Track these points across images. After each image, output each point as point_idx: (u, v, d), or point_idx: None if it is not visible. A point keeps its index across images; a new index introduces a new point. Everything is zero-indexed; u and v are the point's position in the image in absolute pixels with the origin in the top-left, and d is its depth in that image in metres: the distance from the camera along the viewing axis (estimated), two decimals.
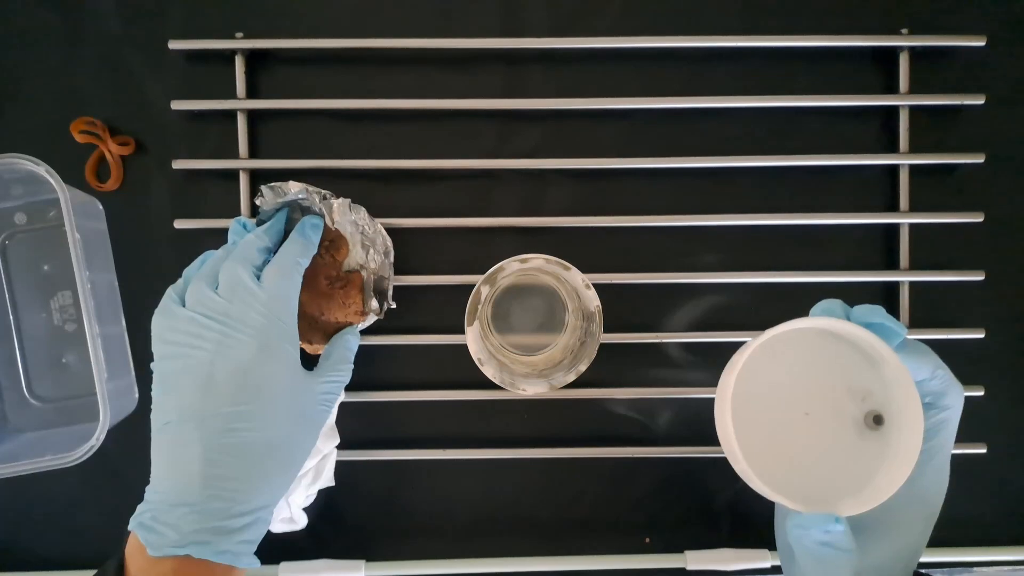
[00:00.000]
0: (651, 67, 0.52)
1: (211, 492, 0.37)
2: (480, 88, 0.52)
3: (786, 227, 0.52)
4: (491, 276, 0.38)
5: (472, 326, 0.37)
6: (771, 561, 0.51)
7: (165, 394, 0.39)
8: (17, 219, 0.52)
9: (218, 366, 0.38)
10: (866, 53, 0.53)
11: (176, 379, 0.39)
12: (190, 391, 0.38)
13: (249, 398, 0.38)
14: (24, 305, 0.52)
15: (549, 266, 0.37)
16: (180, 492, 0.37)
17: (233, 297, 0.40)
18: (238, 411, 0.38)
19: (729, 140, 0.52)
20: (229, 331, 0.39)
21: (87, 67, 0.52)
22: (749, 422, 0.37)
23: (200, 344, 0.39)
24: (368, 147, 0.52)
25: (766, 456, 0.37)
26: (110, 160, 0.51)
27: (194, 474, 0.37)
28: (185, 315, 0.40)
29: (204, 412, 0.38)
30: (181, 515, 0.37)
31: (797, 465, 0.39)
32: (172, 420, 0.38)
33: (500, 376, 0.38)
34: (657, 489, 0.54)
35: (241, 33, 0.51)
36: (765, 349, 0.38)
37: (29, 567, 0.52)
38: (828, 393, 0.39)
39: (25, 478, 0.47)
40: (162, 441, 0.39)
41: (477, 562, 0.52)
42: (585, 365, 0.39)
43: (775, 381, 0.39)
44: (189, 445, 0.37)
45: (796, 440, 0.39)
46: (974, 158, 0.51)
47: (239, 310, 0.39)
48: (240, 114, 0.51)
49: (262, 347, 0.39)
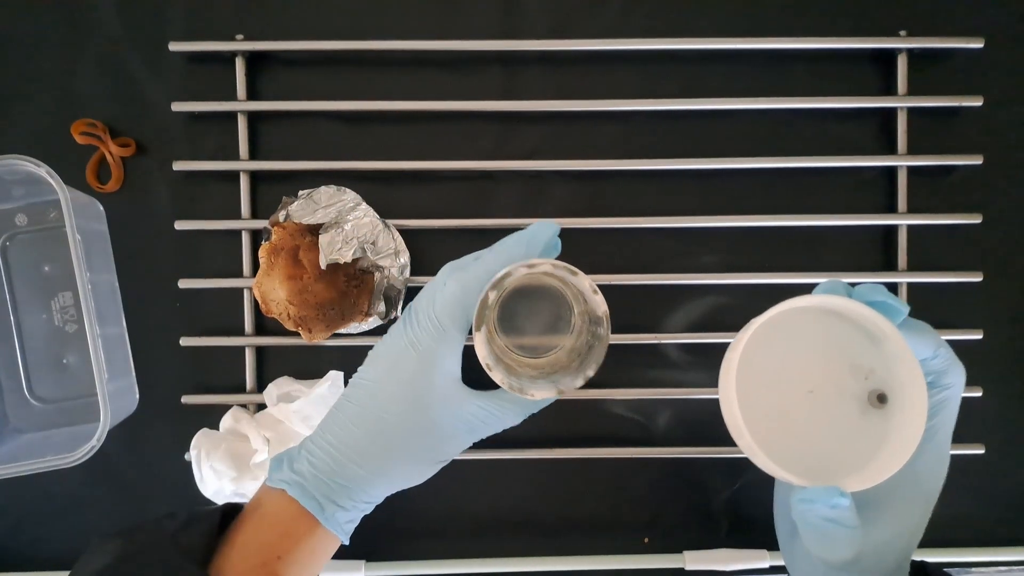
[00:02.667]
0: (650, 69, 0.52)
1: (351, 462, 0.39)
2: (479, 90, 0.52)
3: (785, 228, 0.52)
4: (499, 281, 0.37)
5: (480, 331, 0.37)
6: (770, 561, 0.51)
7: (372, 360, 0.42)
8: (18, 220, 0.52)
9: (396, 352, 0.41)
10: (864, 55, 0.53)
11: (380, 350, 0.42)
12: (377, 366, 0.41)
13: (397, 388, 0.40)
14: (25, 306, 0.53)
15: (556, 271, 0.37)
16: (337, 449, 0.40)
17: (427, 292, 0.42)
18: (388, 391, 0.40)
19: (728, 142, 0.52)
20: (411, 323, 0.41)
21: (88, 69, 0.52)
22: (753, 400, 0.37)
23: (403, 330, 0.41)
24: (368, 148, 0.52)
25: (770, 433, 0.37)
26: (111, 161, 0.51)
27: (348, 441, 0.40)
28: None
29: (373, 388, 0.40)
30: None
31: (801, 443, 0.39)
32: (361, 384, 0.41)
33: (508, 381, 0.38)
34: (656, 489, 0.54)
35: (241, 35, 0.51)
36: (769, 328, 0.38)
37: (30, 567, 0.52)
38: (831, 372, 0.39)
39: (26, 478, 0.47)
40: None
41: (477, 562, 0.52)
42: (593, 370, 0.38)
43: (778, 360, 0.39)
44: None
45: (800, 418, 0.39)
46: (972, 159, 0.51)
47: (421, 306, 0.41)
48: (240, 115, 0.51)
49: (423, 349, 0.40)
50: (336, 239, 0.49)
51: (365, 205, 0.50)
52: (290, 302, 0.49)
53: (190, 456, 0.49)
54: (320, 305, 0.49)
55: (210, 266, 0.52)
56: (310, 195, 0.50)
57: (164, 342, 0.52)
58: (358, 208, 0.50)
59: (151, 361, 0.53)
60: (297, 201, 0.50)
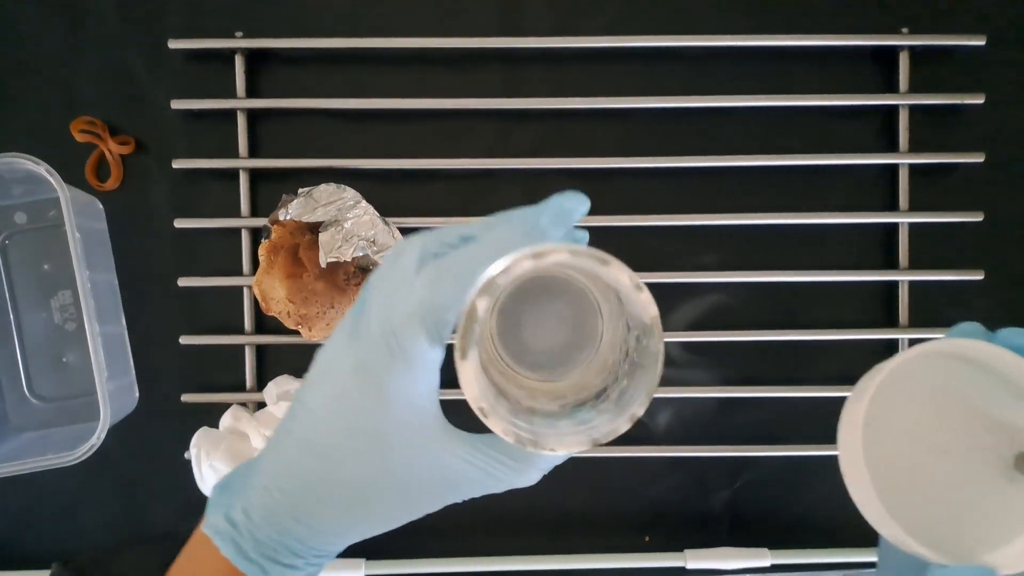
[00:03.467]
0: (650, 66, 0.52)
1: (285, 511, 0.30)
2: (479, 87, 0.52)
3: (786, 226, 0.52)
4: (492, 283, 0.25)
5: (467, 359, 0.25)
6: (771, 560, 0.51)
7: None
8: (17, 218, 0.52)
9: (340, 374, 0.29)
10: (866, 52, 0.52)
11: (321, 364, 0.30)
12: (318, 388, 0.30)
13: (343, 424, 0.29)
14: (24, 304, 0.52)
15: (577, 260, 0.25)
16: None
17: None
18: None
19: (729, 139, 0.52)
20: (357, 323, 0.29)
21: (87, 67, 0.52)
22: (878, 459, 0.32)
23: (347, 343, 0.30)
24: (367, 146, 0.52)
25: (899, 500, 0.31)
26: (110, 159, 0.51)
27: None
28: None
29: (313, 421, 0.29)
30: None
31: (934, 511, 0.33)
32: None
33: (516, 431, 0.26)
34: (656, 488, 0.54)
35: (241, 32, 0.51)
36: (897, 377, 0.32)
37: (30, 566, 0.52)
38: (970, 430, 0.34)
39: (25, 477, 0.47)
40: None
41: (476, 560, 0.52)
42: (642, 405, 0.26)
43: (907, 415, 0.34)
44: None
45: (932, 483, 0.34)
46: (974, 157, 0.51)
47: (375, 309, 0.28)
48: (240, 113, 0.51)
49: (373, 375, 0.28)
50: (336, 237, 0.49)
51: (365, 203, 0.50)
52: (290, 300, 0.49)
53: (190, 455, 0.49)
54: (320, 303, 0.49)
55: (210, 264, 0.52)
56: (310, 193, 0.50)
57: (164, 340, 0.52)
58: (358, 206, 0.50)
59: (151, 359, 0.53)
60: (297, 199, 0.50)
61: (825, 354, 0.53)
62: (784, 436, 0.53)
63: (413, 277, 0.28)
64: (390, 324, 0.27)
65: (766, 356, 0.53)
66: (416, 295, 0.27)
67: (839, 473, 0.53)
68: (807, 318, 0.53)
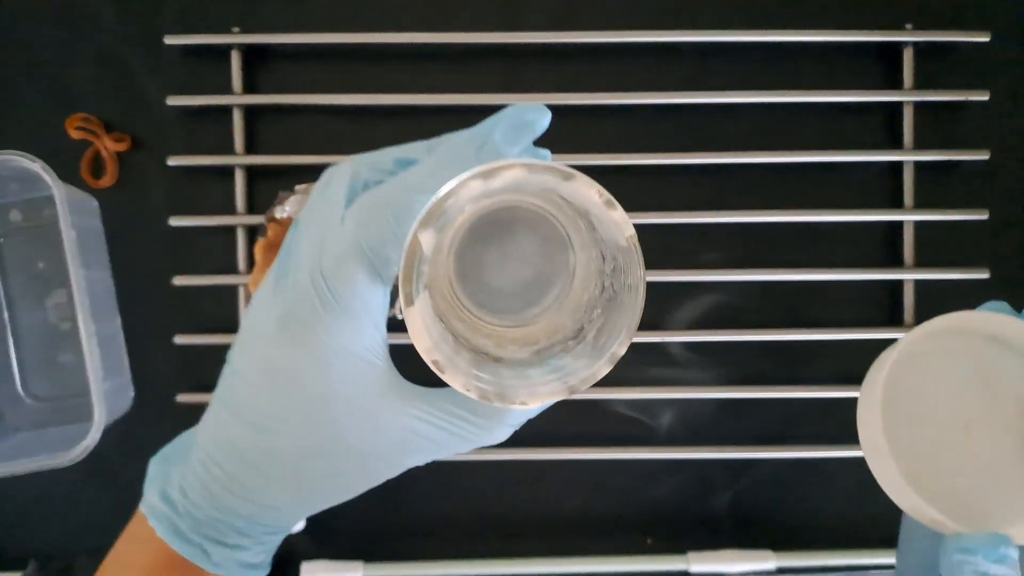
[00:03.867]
0: (652, 62, 0.52)
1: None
2: (479, 83, 0.51)
3: (789, 224, 0.51)
4: (435, 210, 0.21)
5: (413, 305, 0.22)
6: (775, 562, 0.51)
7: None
8: (12, 216, 0.52)
9: (265, 331, 0.25)
10: (870, 49, 0.52)
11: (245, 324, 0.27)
12: (246, 351, 0.27)
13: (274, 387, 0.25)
14: (19, 303, 0.52)
15: (535, 176, 0.21)
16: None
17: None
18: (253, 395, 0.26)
19: (731, 136, 0.52)
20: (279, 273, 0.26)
21: (82, 63, 0.51)
22: (898, 431, 0.32)
23: (271, 294, 0.26)
24: (366, 143, 0.51)
25: (918, 472, 0.32)
26: (105, 157, 0.51)
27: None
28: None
29: (244, 387, 0.26)
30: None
31: (955, 485, 0.33)
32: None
33: (478, 384, 0.23)
34: (658, 490, 0.53)
35: (238, 28, 0.50)
36: (918, 349, 0.33)
37: (24, 566, 0.52)
38: (993, 407, 0.34)
39: (20, 477, 0.47)
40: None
41: (476, 563, 0.51)
42: (623, 343, 0.23)
43: (929, 389, 0.34)
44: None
45: (953, 457, 0.34)
46: (979, 155, 0.51)
47: (302, 251, 0.25)
48: (237, 110, 0.51)
49: (302, 327, 0.24)
50: None
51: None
52: None
53: None
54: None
55: (205, 263, 0.52)
56: (307, 190, 0.49)
57: (159, 340, 0.51)
58: None
59: (146, 359, 0.52)
60: (294, 196, 0.49)
61: (829, 353, 0.52)
62: (788, 436, 0.52)
63: (342, 211, 0.24)
64: (318, 267, 0.23)
65: (769, 355, 0.52)
66: (348, 231, 0.23)
67: (844, 474, 0.53)
68: (810, 317, 0.52)
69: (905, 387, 0.33)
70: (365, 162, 0.25)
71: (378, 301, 0.24)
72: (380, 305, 0.25)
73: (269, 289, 0.25)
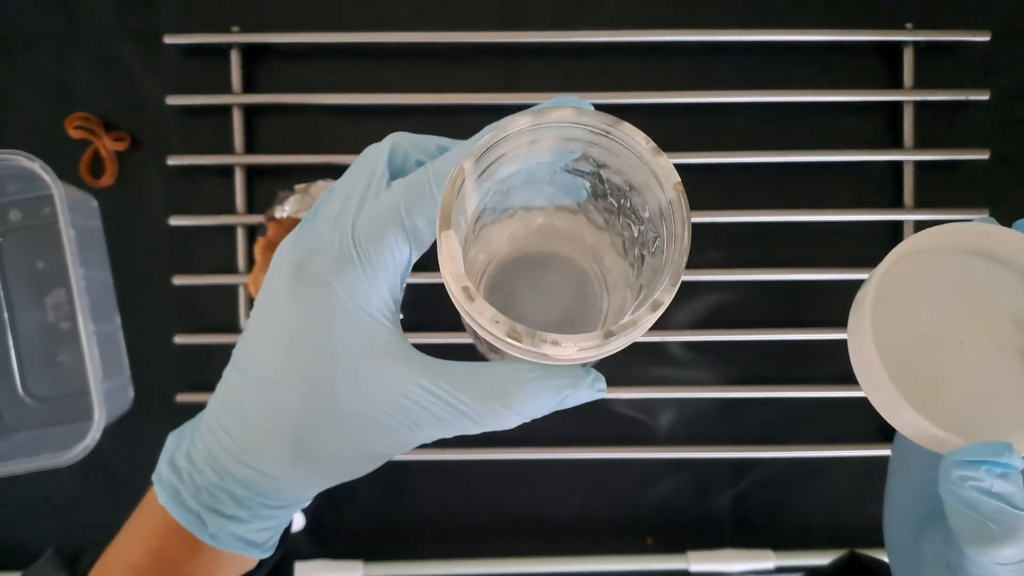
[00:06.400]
0: (652, 61, 0.52)
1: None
2: (480, 82, 0.51)
3: (789, 223, 0.51)
4: (481, 146, 0.22)
5: (450, 229, 0.21)
6: (775, 561, 0.51)
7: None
8: (12, 216, 0.52)
9: (276, 285, 0.25)
10: (870, 48, 0.52)
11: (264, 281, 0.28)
12: (260, 308, 0.27)
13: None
14: (18, 302, 0.52)
15: (583, 119, 0.22)
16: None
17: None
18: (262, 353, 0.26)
19: (732, 135, 0.52)
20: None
21: (82, 62, 0.51)
22: (890, 349, 0.30)
23: (290, 247, 0.26)
24: (365, 142, 0.51)
25: (912, 388, 0.30)
26: (105, 156, 0.51)
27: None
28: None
29: (253, 346, 0.26)
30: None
31: (951, 402, 0.31)
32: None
33: (509, 320, 0.21)
34: (659, 489, 0.53)
35: (237, 27, 0.50)
36: (909, 264, 0.32)
37: (25, 567, 0.52)
38: (987, 322, 0.33)
39: (20, 477, 0.47)
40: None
41: (476, 563, 0.51)
42: (666, 290, 0.22)
43: (921, 305, 0.33)
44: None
45: (948, 374, 0.32)
46: (979, 154, 0.50)
47: (332, 208, 0.25)
48: (236, 109, 0.51)
49: (315, 279, 0.24)
50: None
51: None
52: None
53: None
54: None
55: (205, 262, 0.52)
56: (307, 190, 0.49)
57: (158, 339, 0.51)
58: None
59: (145, 358, 0.52)
60: (293, 196, 0.49)
61: (830, 353, 0.52)
62: (789, 437, 0.52)
63: (380, 175, 0.25)
64: (348, 221, 0.24)
65: (770, 355, 0.52)
66: (391, 194, 0.24)
67: (844, 474, 0.53)
68: (811, 317, 0.52)
69: (893, 306, 0.32)
70: (407, 138, 0.26)
71: (400, 265, 0.24)
72: (400, 271, 0.24)
73: (290, 242, 0.25)
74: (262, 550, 0.28)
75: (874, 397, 0.30)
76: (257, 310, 0.26)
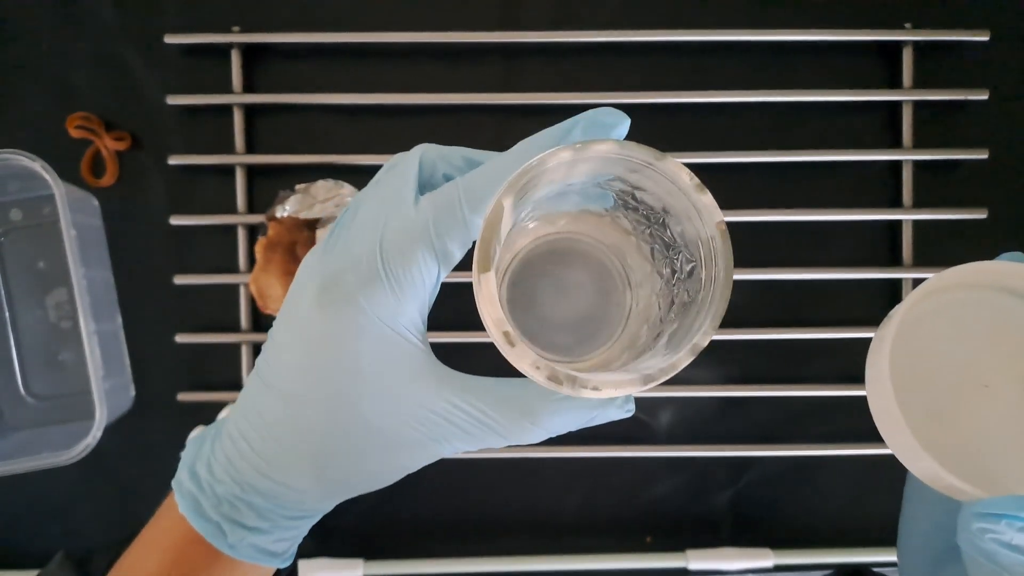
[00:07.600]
0: (652, 61, 0.52)
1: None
2: (479, 82, 0.51)
3: (788, 223, 0.51)
4: (517, 179, 0.21)
5: (490, 271, 0.21)
6: (773, 560, 0.51)
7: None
8: (13, 215, 0.52)
9: (305, 300, 0.25)
10: (869, 48, 0.52)
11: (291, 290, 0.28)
12: (285, 320, 0.27)
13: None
14: (20, 302, 0.52)
15: (626, 152, 0.22)
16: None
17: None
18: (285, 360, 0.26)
19: (731, 135, 0.52)
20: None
21: (82, 62, 0.51)
22: (910, 389, 0.29)
23: (318, 261, 0.26)
24: (365, 142, 0.51)
25: (932, 434, 0.28)
26: (106, 156, 0.51)
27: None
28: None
29: (279, 359, 0.26)
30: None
31: (974, 450, 0.30)
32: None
33: (550, 364, 0.21)
34: (658, 488, 0.53)
35: (238, 27, 0.50)
36: (931, 304, 0.30)
37: (26, 565, 0.52)
38: (1013, 364, 0.31)
39: (21, 476, 0.47)
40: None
41: (476, 561, 0.51)
42: (706, 333, 0.22)
43: (943, 346, 0.31)
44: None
45: (970, 419, 0.31)
46: (978, 154, 0.51)
47: (361, 233, 0.25)
48: (236, 109, 0.51)
49: (345, 295, 0.24)
50: None
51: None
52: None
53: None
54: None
55: (206, 262, 0.52)
56: (307, 189, 0.49)
57: (159, 339, 0.51)
58: None
59: (146, 358, 0.52)
60: (294, 195, 0.49)
61: (829, 352, 0.52)
62: (787, 435, 0.52)
63: (410, 190, 0.24)
64: (377, 238, 0.23)
65: (769, 354, 0.52)
66: (421, 211, 0.23)
67: (843, 473, 0.53)
68: (810, 316, 0.52)
69: (914, 348, 0.31)
70: (434, 150, 0.25)
71: (429, 285, 0.24)
72: (429, 291, 0.24)
73: (316, 256, 0.25)
74: (281, 560, 0.28)
75: (892, 442, 0.30)
76: (282, 322, 0.26)
